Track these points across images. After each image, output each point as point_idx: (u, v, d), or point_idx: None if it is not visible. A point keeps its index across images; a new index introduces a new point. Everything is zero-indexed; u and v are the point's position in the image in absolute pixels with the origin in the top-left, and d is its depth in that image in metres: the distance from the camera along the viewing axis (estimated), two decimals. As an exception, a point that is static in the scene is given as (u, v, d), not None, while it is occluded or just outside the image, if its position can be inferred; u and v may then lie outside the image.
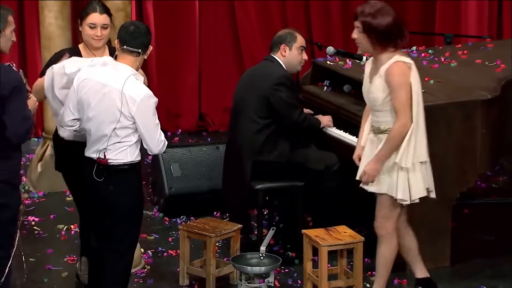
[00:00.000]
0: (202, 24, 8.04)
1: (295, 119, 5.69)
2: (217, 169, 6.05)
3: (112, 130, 4.56)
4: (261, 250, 5.35)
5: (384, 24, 4.82)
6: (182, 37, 7.85)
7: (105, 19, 5.05)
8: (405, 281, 5.54)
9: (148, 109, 4.55)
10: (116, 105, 4.54)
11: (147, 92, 4.57)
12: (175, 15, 7.87)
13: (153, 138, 4.59)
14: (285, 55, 5.75)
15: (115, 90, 4.56)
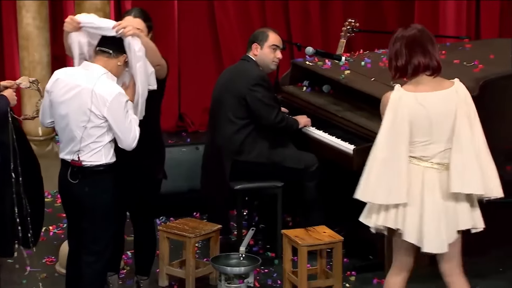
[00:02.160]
0: (181, 24, 8.02)
1: (272, 119, 5.68)
2: (197, 169, 6.03)
3: (83, 130, 4.53)
4: (241, 251, 5.34)
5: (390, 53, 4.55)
6: (161, 37, 7.81)
7: (138, 23, 4.90)
8: (384, 281, 5.53)
9: (120, 108, 4.52)
10: (87, 105, 4.52)
11: (119, 91, 4.55)
12: (154, 15, 7.76)
13: (126, 136, 4.57)
14: (257, 53, 5.75)
15: (86, 89, 4.54)
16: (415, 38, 4.44)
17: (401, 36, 4.46)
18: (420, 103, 4.37)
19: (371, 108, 5.77)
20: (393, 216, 4.47)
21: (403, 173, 4.37)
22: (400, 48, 4.44)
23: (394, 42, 4.47)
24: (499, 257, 5.74)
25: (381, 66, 6.15)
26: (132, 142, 4.59)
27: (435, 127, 4.38)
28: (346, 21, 6.77)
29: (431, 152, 4.39)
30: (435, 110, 4.38)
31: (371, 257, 5.74)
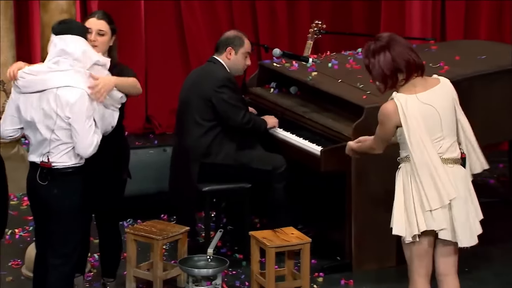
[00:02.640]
0: (148, 26, 7.98)
1: (239, 120, 5.66)
2: (164, 171, 6.00)
3: (51, 132, 4.50)
4: (209, 252, 5.32)
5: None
6: (128, 39, 7.77)
7: (102, 25, 4.93)
8: (352, 282, 5.54)
9: (80, 112, 4.50)
10: (53, 108, 4.48)
11: (81, 94, 4.51)
12: (121, 16, 7.79)
13: (82, 140, 4.54)
14: (230, 58, 5.72)
15: (51, 92, 4.50)
16: (396, 42, 4.43)
17: (379, 46, 4.44)
18: (425, 102, 4.40)
19: (338, 110, 5.78)
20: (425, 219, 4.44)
21: (440, 170, 4.39)
22: (385, 56, 4.40)
23: (373, 55, 4.44)
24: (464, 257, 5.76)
25: (348, 68, 6.16)
26: (87, 148, 4.55)
27: (444, 122, 4.42)
28: (313, 23, 6.78)
29: (443, 148, 4.44)
30: (441, 105, 4.42)
31: (338, 258, 5.74)
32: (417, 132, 4.38)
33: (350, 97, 5.69)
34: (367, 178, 5.53)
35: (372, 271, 5.60)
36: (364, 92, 5.71)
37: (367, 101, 5.60)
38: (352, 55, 6.39)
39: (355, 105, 5.60)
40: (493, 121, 5.98)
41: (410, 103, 4.39)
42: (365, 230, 5.56)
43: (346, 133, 5.55)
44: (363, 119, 5.52)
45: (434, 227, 4.43)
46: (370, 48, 4.46)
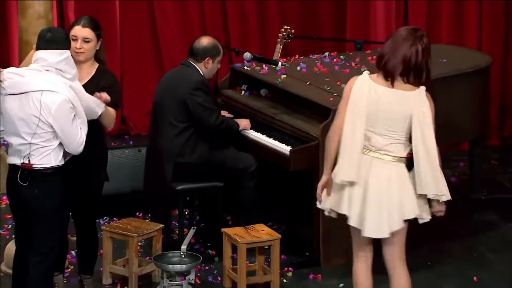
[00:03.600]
0: (123, 30, 7.94)
1: (212, 122, 5.65)
2: (140, 171, 5.98)
3: (32, 135, 4.46)
4: (182, 249, 5.29)
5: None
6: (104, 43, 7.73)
7: (87, 32, 4.89)
8: (320, 276, 5.54)
9: (64, 116, 4.46)
10: (35, 112, 4.46)
11: (63, 98, 4.48)
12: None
13: (72, 141, 4.53)
14: (208, 67, 5.74)
15: (33, 97, 4.46)
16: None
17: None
18: (375, 91, 4.39)
19: (306, 111, 5.78)
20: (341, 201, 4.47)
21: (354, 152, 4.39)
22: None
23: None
24: (427, 252, 5.79)
25: (316, 71, 6.16)
26: (78, 147, 4.55)
27: (386, 121, 4.38)
28: (282, 28, 6.78)
29: (372, 141, 4.41)
30: (394, 108, 4.38)
31: (307, 254, 5.74)
32: (355, 111, 4.37)
33: (317, 99, 5.69)
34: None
35: (339, 266, 5.60)
36: (331, 94, 5.72)
37: (334, 102, 5.60)
38: (320, 59, 6.40)
39: (322, 107, 5.60)
40: (454, 122, 6.01)
41: (366, 83, 4.40)
42: (332, 227, 5.56)
43: (314, 133, 5.56)
44: (330, 120, 5.52)
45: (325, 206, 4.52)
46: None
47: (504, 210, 6.47)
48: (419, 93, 4.43)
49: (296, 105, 5.85)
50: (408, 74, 4.44)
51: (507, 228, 6.22)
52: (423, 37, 4.43)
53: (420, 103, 4.41)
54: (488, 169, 7.05)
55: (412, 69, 4.43)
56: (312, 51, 6.93)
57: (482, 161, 6.67)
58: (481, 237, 6.09)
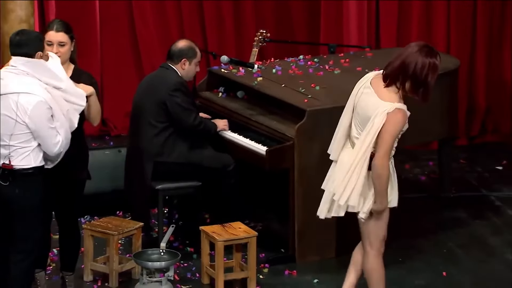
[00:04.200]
0: (103, 33, 7.92)
1: (191, 122, 5.65)
2: (120, 171, 5.96)
3: (10, 136, 4.44)
4: (161, 246, 5.29)
5: None
6: (85, 47, 7.70)
7: (62, 37, 4.89)
8: (295, 272, 5.56)
9: (41, 117, 4.45)
10: (11, 113, 4.46)
11: (39, 100, 4.46)
12: (78, 25, 7.73)
13: (48, 142, 4.51)
14: (185, 68, 5.73)
15: (11, 98, 4.45)
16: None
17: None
18: (362, 85, 4.58)
19: (282, 112, 5.80)
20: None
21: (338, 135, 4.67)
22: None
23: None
24: (399, 248, 5.82)
25: (291, 73, 6.18)
26: (53, 148, 4.52)
27: (359, 119, 4.57)
28: (258, 32, 6.79)
29: (352, 133, 4.63)
30: (362, 102, 4.55)
31: (282, 250, 5.75)
32: (348, 101, 4.64)
33: (293, 100, 5.71)
34: (309, 175, 5.55)
35: (314, 262, 5.62)
36: (305, 96, 5.73)
37: (309, 104, 5.63)
38: (294, 62, 6.42)
39: (297, 108, 5.62)
40: (424, 123, 6.04)
41: (364, 78, 4.61)
42: (307, 224, 5.58)
43: (289, 134, 5.57)
44: (305, 121, 5.55)
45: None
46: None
47: (471, 208, 6.52)
48: (387, 106, 4.48)
49: (271, 107, 5.86)
50: (404, 81, 4.46)
51: (475, 225, 6.27)
52: (432, 53, 4.48)
53: (378, 114, 4.48)
54: (456, 168, 7.09)
55: (408, 77, 4.45)
56: (287, 54, 6.94)
57: (451, 160, 6.72)
58: (450, 233, 6.13)
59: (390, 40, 7.78)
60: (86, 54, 7.81)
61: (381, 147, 4.50)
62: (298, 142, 5.52)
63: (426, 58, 4.46)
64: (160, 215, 5.72)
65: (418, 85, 4.48)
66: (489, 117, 7.87)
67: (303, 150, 5.53)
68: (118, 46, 7.95)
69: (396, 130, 4.48)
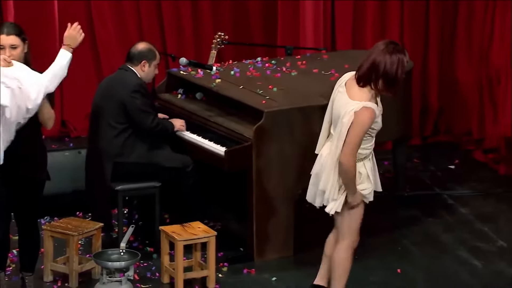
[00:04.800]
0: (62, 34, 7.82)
1: (149, 124, 5.62)
2: (79, 172, 5.91)
3: None
4: (121, 246, 5.25)
5: None
6: (43, 48, 7.62)
7: (13, 40, 4.82)
8: (253, 270, 5.55)
9: None
10: None
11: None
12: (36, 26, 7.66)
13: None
14: (144, 70, 5.70)
15: None
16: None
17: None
18: (339, 85, 4.67)
19: (240, 113, 5.78)
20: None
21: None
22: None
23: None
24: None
25: (249, 75, 6.17)
26: None
27: (333, 115, 4.68)
28: (216, 34, 6.77)
29: (331, 130, 4.71)
30: (336, 102, 4.66)
31: (241, 249, 5.73)
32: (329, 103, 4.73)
33: (251, 102, 5.70)
34: (267, 175, 5.55)
35: (272, 261, 5.61)
36: (263, 97, 5.73)
37: (266, 105, 5.62)
38: (252, 64, 6.41)
39: (255, 109, 5.61)
40: (379, 123, 6.06)
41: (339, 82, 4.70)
42: (265, 223, 5.58)
43: (248, 134, 5.56)
44: (263, 121, 5.54)
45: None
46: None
47: (425, 206, 6.56)
48: (355, 105, 4.54)
49: (230, 108, 5.85)
50: (377, 80, 4.51)
51: (428, 223, 6.31)
52: (399, 49, 4.55)
53: (346, 113, 4.54)
54: (410, 167, 7.14)
55: (380, 76, 4.50)
56: (245, 56, 6.93)
57: (405, 159, 6.76)
58: (404, 231, 6.16)
59: (346, 42, 7.80)
60: (45, 56, 7.71)
61: (347, 145, 4.56)
62: (256, 142, 5.51)
63: (394, 55, 4.53)
64: (120, 215, 5.68)
65: (390, 83, 4.56)
66: (442, 117, 7.93)
67: (261, 151, 5.52)
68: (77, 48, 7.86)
69: (362, 128, 4.54)
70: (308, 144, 5.62)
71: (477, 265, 5.63)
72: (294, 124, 5.60)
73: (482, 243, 5.92)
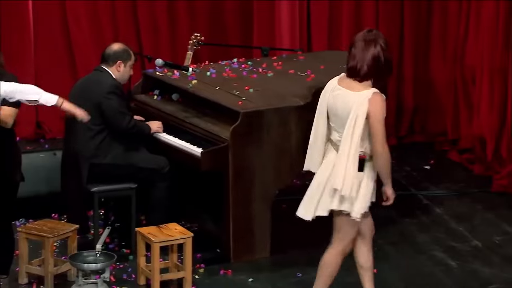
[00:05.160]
0: (37, 36, 7.78)
1: (125, 126, 5.59)
2: (55, 173, 5.88)
3: None
4: (97, 248, 5.21)
5: None
6: (18, 51, 7.58)
7: None
8: (230, 271, 5.53)
9: None
10: None
11: None
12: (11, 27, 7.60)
13: None
14: (120, 70, 5.67)
15: None
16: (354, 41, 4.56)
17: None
18: (336, 89, 4.57)
19: (216, 114, 5.77)
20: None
21: (317, 144, 4.63)
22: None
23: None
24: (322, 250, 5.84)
25: (225, 76, 6.15)
26: None
27: (337, 115, 4.56)
28: (192, 35, 6.76)
29: (333, 136, 4.61)
30: (338, 104, 4.55)
31: (218, 250, 5.72)
32: (319, 110, 4.61)
33: (227, 102, 5.68)
34: (243, 176, 5.54)
35: (248, 262, 5.60)
36: (239, 98, 5.71)
37: (243, 106, 5.61)
38: (228, 65, 6.39)
39: (232, 110, 5.59)
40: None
41: (330, 82, 4.59)
42: (242, 224, 5.56)
43: (224, 135, 5.55)
44: (239, 122, 5.52)
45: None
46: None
47: (401, 206, 6.55)
48: (365, 93, 4.50)
49: (206, 109, 5.83)
50: (379, 72, 4.51)
51: (404, 223, 6.32)
52: (377, 33, 4.56)
53: (360, 103, 4.49)
54: (386, 168, 7.14)
55: (382, 66, 4.51)
56: (221, 57, 6.92)
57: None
58: (380, 231, 6.14)
59: (321, 43, 7.81)
60: (20, 57, 7.67)
61: (376, 136, 4.48)
62: (232, 143, 5.50)
63: (380, 40, 4.53)
64: (95, 217, 5.64)
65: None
66: (417, 117, 7.96)
67: (237, 152, 5.51)
68: (52, 49, 7.83)
69: (381, 113, 4.49)
70: (285, 145, 5.62)
71: (452, 265, 5.65)
72: (271, 125, 5.59)
73: (457, 243, 5.95)
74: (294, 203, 6.61)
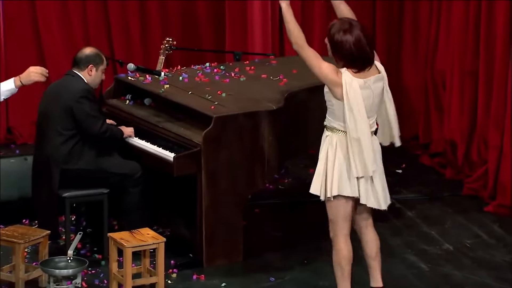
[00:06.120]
0: (7, 41, 7.72)
1: (97, 130, 5.55)
2: (26, 179, 5.82)
3: None
4: (69, 254, 5.17)
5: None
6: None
7: None
8: (203, 276, 5.51)
9: None
10: None
11: None
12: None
13: None
14: (91, 74, 5.63)
15: None
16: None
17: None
18: (366, 87, 4.71)
19: (189, 119, 5.75)
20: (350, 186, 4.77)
21: (368, 144, 4.75)
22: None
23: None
24: (304, 250, 5.84)
25: (197, 81, 6.13)
26: None
27: (374, 105, 4.81)
28: (165, 40, 6.73)
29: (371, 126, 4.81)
30: (377, 91, 4.78)
31: (191, 255, 5.69)
32: (355, 109, 4.66)
33: (199, 107, 5.66)
34: (216, 180, 5.52)
35: (221, 266, 5.58)
36: (212, 103, 5.70)
37: (215, 111, 5.59)
38: (201, 69, 6.37)
39: (204, 115, 5.57)
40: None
41: (355, 83, 4.68)
42: (215, 229, 5.54)
43: (197, 140, 5.53)
44: (212, 127, 5.51)
45: (349, 193, 4.76)
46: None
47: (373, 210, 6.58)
48: (381, 68, 4.81)
49: (179, 114, 5.80)
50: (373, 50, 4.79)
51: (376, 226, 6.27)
52: (350, 20, 4.79)
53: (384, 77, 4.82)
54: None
55: (374, 47, 4.82)
56: (193, 62, 6.89)
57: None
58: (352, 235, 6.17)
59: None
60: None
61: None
62: (205, 148, 5.48)
63: (359, 24, 4.75)
64: (67, 222, 5.60)
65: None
66: (389, 122, 7.97)
67: (210, 156, 5.49)
68: (23, 53, 7.76)
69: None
70: (257, 150, 5.61)
71: (424, 268, 5.66)
72: (243, 129, 5.58)
73: (429, 246, 5.97)
74: (268, 207, 6.64)
